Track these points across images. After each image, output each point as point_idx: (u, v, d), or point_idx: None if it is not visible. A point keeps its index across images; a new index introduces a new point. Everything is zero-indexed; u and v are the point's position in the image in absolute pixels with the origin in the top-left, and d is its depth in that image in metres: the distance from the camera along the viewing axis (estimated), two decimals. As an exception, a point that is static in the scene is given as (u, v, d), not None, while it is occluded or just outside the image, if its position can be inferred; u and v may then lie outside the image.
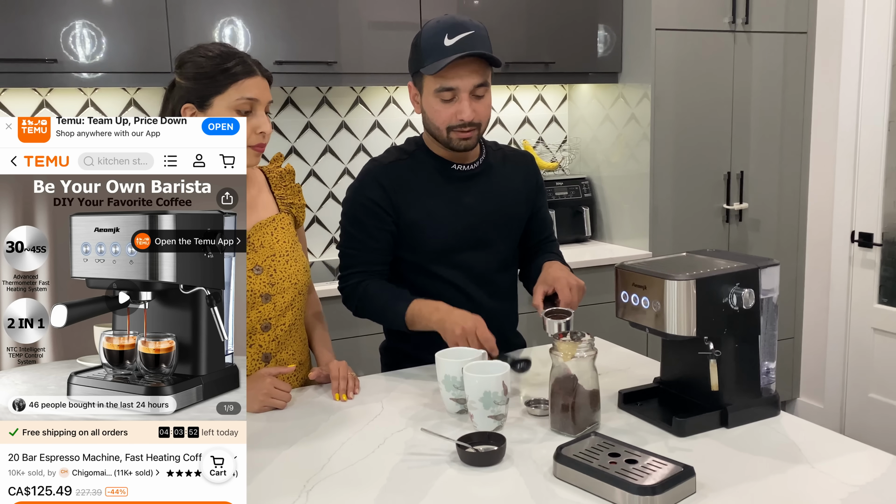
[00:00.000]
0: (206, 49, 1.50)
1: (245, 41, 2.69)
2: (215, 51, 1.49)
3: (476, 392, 1.34)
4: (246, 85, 1.48)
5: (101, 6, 2.51)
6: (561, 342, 1.33)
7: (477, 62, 1.57)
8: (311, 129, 3.17)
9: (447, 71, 1.55)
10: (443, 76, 1.56)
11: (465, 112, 1.58)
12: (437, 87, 1.58)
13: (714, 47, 3.20)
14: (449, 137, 1.63)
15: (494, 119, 3.51)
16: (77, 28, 2.49)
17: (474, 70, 1.57)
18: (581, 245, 3.41)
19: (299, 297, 1.62)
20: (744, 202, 3.35)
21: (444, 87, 1.58)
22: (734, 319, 1.33)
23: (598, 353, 1.36)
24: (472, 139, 1.63)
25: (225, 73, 1.46)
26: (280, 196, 1.67)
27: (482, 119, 1.63)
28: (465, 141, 1.63)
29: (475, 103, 1.60)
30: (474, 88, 1.58)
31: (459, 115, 1.59)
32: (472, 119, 1.60)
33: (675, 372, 1.46)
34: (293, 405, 1.52)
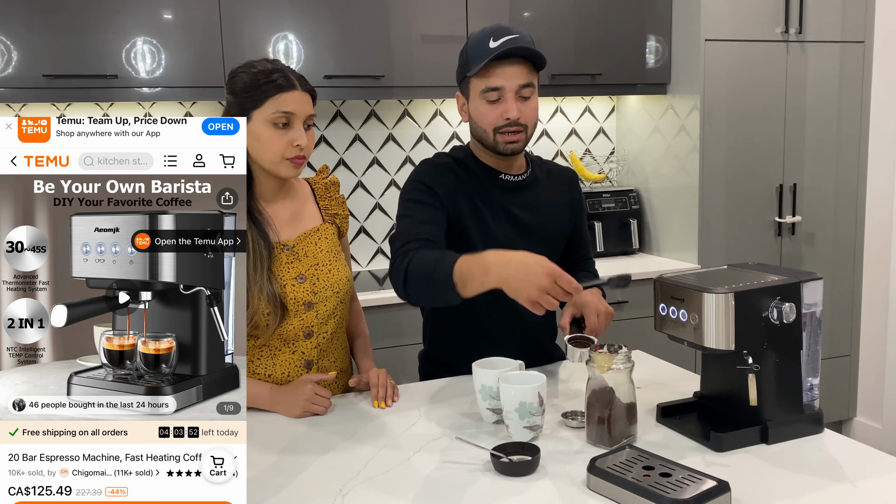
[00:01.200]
0: (253, 65, 1.55)
1: (297, 56, 2.76)
2: (260, 66, 1.54)
3: (512, 402, 1.35)
4: (283, 99, 1.52)
5: (161, 23, 2.61)
6: (598, 354, 1.33)
7: (522, 64, 1.58)
8: (359, 142, 3.23)
9: (492, 70, 1.57)
10: (488, 76, 1.58)
11: (511, 111, 1.58)
12: (483, 87, 1.59)
13: (766, 58, 3.15)
14: (495, 141, 1.62)
15: (541, 130, 3.51)
16: (138, 44, 2.60)
17: (519, 70, 1.58)
18: (628, 257, 3.39)
19: (341, 306, 1.66)
20: (797, 215, 3.27)
21: (490, 87, 1.58)
22: (775, 334, 1.31)
23: (639, 366, 1.36)
24: (520, 142, 1.63)
25: (263, 87, 1.51)
26: (325, 207, 1.71)
27: (528, 121, 1.62)
28: (511, 144, 1.62)
29: (521, 104, 1.60)
30: (520, 89, 1.59)
31: (505, 114, 1.59)
32: (518, 118, 1.59)
33: (715, 386, 1.44)
34: (333, 411, 1.56)
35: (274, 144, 1.52)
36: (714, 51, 3.07)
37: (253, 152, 1.54)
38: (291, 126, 1.54)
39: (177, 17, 2.63)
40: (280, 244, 1.59)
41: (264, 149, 1.53)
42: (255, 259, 1.52)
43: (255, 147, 1.53)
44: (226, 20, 2.67)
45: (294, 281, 1.57)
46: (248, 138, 1.52)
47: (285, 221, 1.62)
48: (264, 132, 1.52)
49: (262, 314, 1.52)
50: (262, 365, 1.59)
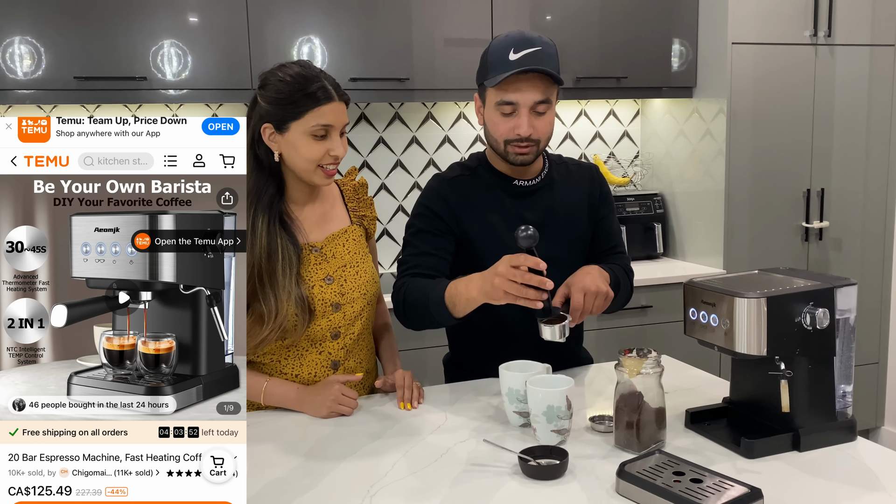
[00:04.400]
0: (287, 71, 1.53)
1: (322, 59, 2.78)
2: (295, 73, 1.52)
3: (539, 406, 1.34)
4: (322, 111, 1.51)
5: (188, 26, 2.64)
6: (626, 358, 1.32)
7: (540, 78, 1.57)
8: (382, 144, 3.24)
9: (508, 85, 1.56)
10: (504, 90, 1.57)
11: (523, 127, 1.58)
12: (498, 100, 1.59)
13: (794, 61, 3.11)
14: (506, 151, 1.63)
15: (564, 133, 3.50)
16: (165, 47, 2.62)
17: (536, 86, 1.57)
18: (652, 262, 3.36)
19: (368, 308, 1.66)
20: (824, 220, 3.23)
21: (505, 101, 1.58)
22: (807, 340, 1.29)
23: (667, 371, 1.35)
24: (530, 155, 1.63)
25: (303, 99, 1.50)
26: (353, 208, 1.72)
27: (541, 136, 1.62)
28: (521, 156, 1.62)
29: (535, 119, 1.59)
30: (535, 105, 1.58)
31: (517, 129, 1.59)
32: (530, 135, 1.59)
33: (746, 392, 1.43)
34: (359, 412, 1.56)
35: (311, 154, 1.53)
36: (741, 54, 3.04)
37: (289, 160, 1.55)
38: (329, 137, 1.54)
39: (204, 19, 2.66)
40: (308, 245, 1.60)
41: (300, 157, 1.53)
42: (285, 264, 1.52)
43: (291, 155, 1.54)
44: (252, 22, 2.69)
45: (322, 282, 1.58)
46: (284, 146, 1.53)
47: (314, 223, 1.63)
48: (302, 142, 1.52)
49: (291, 318, 1.52)
50: (289, 365, 1.60)
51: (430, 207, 1.69)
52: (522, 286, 1.33)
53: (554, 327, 1.41)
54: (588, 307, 1.53)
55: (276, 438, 1.44)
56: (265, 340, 1.52)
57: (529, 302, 1.34)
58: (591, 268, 1.62)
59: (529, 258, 1.33)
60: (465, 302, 1.46)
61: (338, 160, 1.56)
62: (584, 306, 1.53)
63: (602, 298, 1.54)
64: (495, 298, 1.38)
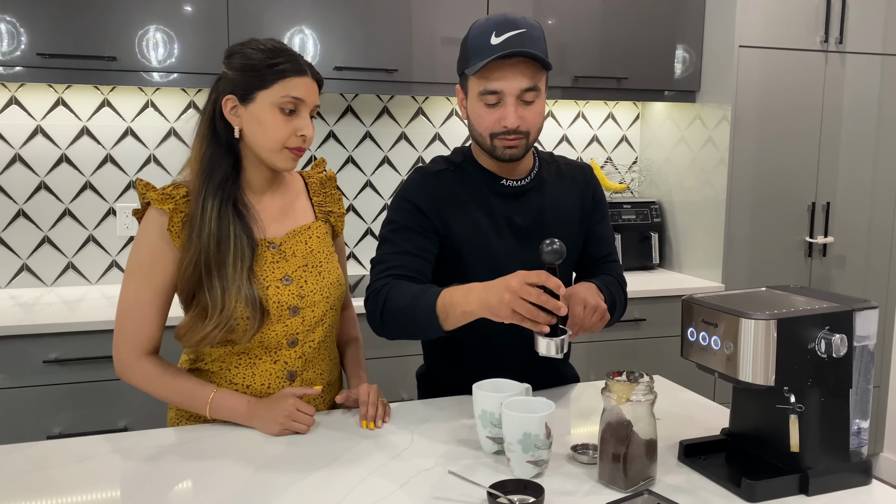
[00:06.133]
0: (259, 42, 1.41)
1: (307, 46, 2.62)
2: (268, 45, 1.40)
3: (514, 433, 1.18)
4: (293, 83, 1.38)
5: (166, 4, 2.47)
6: (615, 382, 1.17)
7: (526, 64, 1.41)
8: (370, 139, 3.08)
9: (491, 72, 1.40)
10: (486, 77, 1.41)
11: (510, 118, 1.41)
12: (481, 89, 1.42)
13: (803, 67, 2.97)
14: (493, 145, 1.46)
15: (561, 136, 3.35)
16: (147, 29, 2.46)
17: (522, 72, 1.40)
18: (648, 273, 3.21)
19: (331, 313, 1.50)
20: (829, 236, 3.08)
21: (488, 90, 1.41)
22: (821, 369, 1.14)
23: (660, 394, 1.19)
24: (518, 149, 1.46)
25: (273, 67, 1.37)
26: (318, 203, 1.56)
27: (530, 127, 1.45)
28: (509, 150, 1.46)
29: (522, 109, 1.43)
30: (521, 93, 1.41)
31: (503, 121, 1.42)
32: (518, 126, 1.42)
33: (748, 424, 1.27)
34: (316, 429, 1.40)
35: (277, 131, 1.38)
36: (748, 58, 2.89)
37: (251, 137, 1.39)
38: (298, 114, 1.39)
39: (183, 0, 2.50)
40: (266, 241, 1.44)
41: (265, 134, 1.38)
42: (236, 256, 1.36)
43: (254, 131, 1.39)
44: (233, 4, 2.53)
45: (279, 282, 1.42)
46: (247, 121, 1.38)
47: (273, 216, 1.47)
48: (268, 116, 1.37)
49: (240, 318, 1.36)
50: (239, 374, 1.44)
51: (412, 202, 1.51)
52: (535, 307, 1.20)
53: (552, 341, 1.24)
54: (587, 323, 1.37)
55: (219, 456, 1.28)
56: (208, 337, 1.36)
57: (537, 326, 1.21)
58: (589, 284, 1.47)
59: (550, 278, 1.20)
60: (461, 315, 1.30)
61: (306, 142, 1.40)
62: (583, 321, 1.37)
63: (599, 315, 1.39)
64: (500, 315, 1.24)
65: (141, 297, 1.39)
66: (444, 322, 1.32)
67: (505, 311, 1.22)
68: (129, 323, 1.39)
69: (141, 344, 1.40)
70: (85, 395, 2.28)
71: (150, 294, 1.39)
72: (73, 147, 2.74)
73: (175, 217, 1.38)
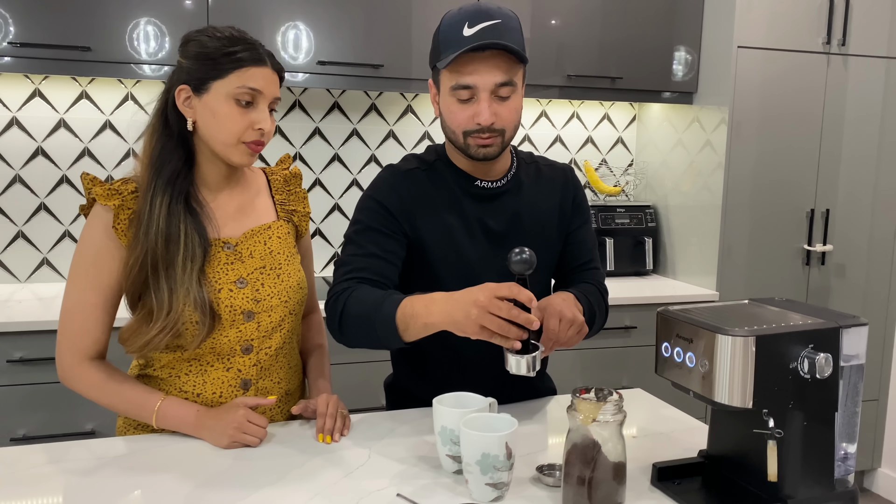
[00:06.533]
0: (216, 30, 1.33)
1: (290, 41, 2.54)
2: (225, 33, 1.32)
3: (472, 453, 1.10)
4: (251, 73, 1.29)
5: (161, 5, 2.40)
6: (581, 400, 1.08)
7: (501, 57, 1.32)
8: (356, 137, 3.00)
9: (464, 65, 1.31)
10: (458, 71, 1.32)
11: (484, 114, 1.32)
12: (453, 83, 1.33)
13: (804, 70, 2.87)
14: (466, 144, 1.37)
15: (554, 136, 3.27)
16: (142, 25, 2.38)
17: (497, 65, 1.32)
18: (640, 279, 3.12)
19: (290, 318, 1.42)
20: (828, 244, 2.99)
21: (461, 85, 1.32)
22: (804, 390, 1.05)
23: (639, 408, 1.11)
24: (493, 147, 1.37)
25: (230, 56, 1.29)
26: (281, 202, 1.48)
27: (505, 125, 1.36)
28: (483, 149, 1.37)
29: (497, 105, 1.34)
30: (496, 88, 1.32)
31: (476, 117, 1.33)
32: (492, 123, 1.34)
33: (726, 446, 1.19)
34: (269, 442, 1.31)
35: (232, 124, 1.29)
36: (747, 59, 2.80)
37: (205, 130, 1.31)
38: (255, 106, 1.31)
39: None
40: (220, 241, 1.35)
41: (220, 128, 1.30)
42: (186, 256, 1.28)
43: (209, 124, 1.30)
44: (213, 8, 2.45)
45: (232, 285, 1.34)
46: (201, 112, 1.30)
47: (229, 215, 1.39)
48: (223, 108, 1.29)
49: (188, 322, 1.28)
50: (190, 382, 1.36)
51: (380, 202, 1.42)
52: (505, 322, 1.11)
53: (522, 359, 1.15)
54: (562, 338, 1.28)
55: (160, 470, 1.20)
56: (152, 342, 1.28)
57: (508, 342, 1.13)
58: (565, 293, 1.38)
59: (521, 291, 1.12)
60: (422, 327, 1.21)
61: (264, 136, 1.32)
62: (559, 335, 1.28)
63: (576, 329, 1.30)
64: (466, 331, 1.15)
65: (84, 299, 1.31)
66: (403, 333, 1.23)
67: (472, 327, 1.13)
68: (72, 326, 1.31)
69: (84, 348, 1.32)
70: (52, 396, 2.20)
71: (95, 295, 1.31)
72: (49, 140, 2.67)
73: (121, 214, 1.30)
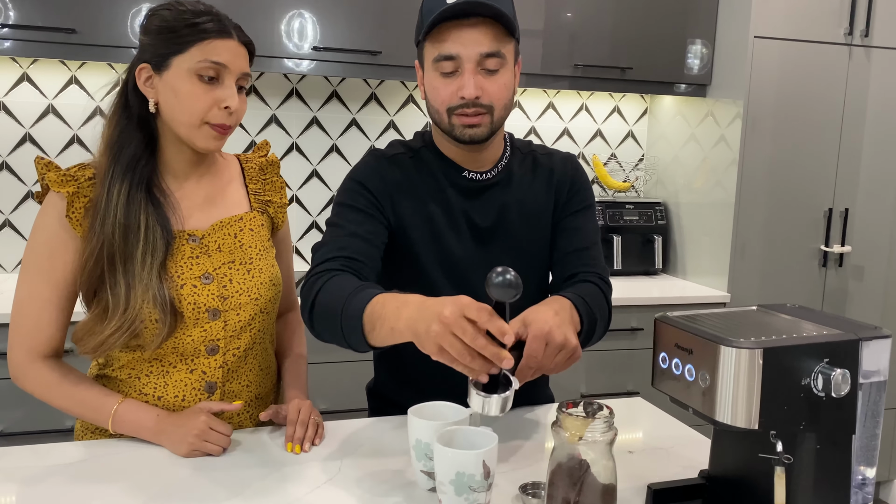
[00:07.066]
0: (180, 3, 1.22)
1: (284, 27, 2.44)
2: (188, 5, 1.22)
3: (446, 471, 0.99)
4: (214, 46, 1.19)
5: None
6: (567, 416, 0.97)
7: (487, 25, 1.20)
8: (355, 127, 2.90)
9: (446, 33, 1.20)
10: (441, 40, 1.21)
11: (468, 87, 1.20)
12: (435, 55, 1.22)
13: (824, 62, 2.74)
14: (451, 124, 1.26)
15: (562, 129, 3.15)
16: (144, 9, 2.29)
17: (483, 33, 1.20)
18: (649, 278, 3.00)
19: (262, 317, 1.32)
20: (846, 244, 2.85)
21: (443, 55, 1.21)
22: (817, 410, 0.94)
23: (637, 420, 1.01)
24: (481, 127, 1.25)
25: (191, 29, 1.19)
26: (255, 191, 1.37)
27: (494, 101, 1.24)
28: (469, 129, 1.25)
29: (483, 79, 1.22)
30: (481, 59, 1.21)
31: (460, 90, 1.21)
32: (477, 97, 1.21)
33: (729, 467, 1.07)
34: (233, 451, 1.22)
35: (195, 102, 1.19)
36: (764, 50, 2.67)
37: (167, 111, 1.21)
38: (221, 82, 1.21)
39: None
40: (184, 234, 1.26)
41: (182, 107, 1.20)
42: (146, 250, 1.18)
43: (170, 104, 1.20)
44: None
45: (196, 281, 1.24)
46: (162, 91, 1.20)
47: (196, 205, 1.29)
48: (184, 86, 1.19)
49: (147, 320, 1.19)
50: (150, 384, 1.26)
51: (362, 184, 1.32)
52: (468, 350, 0.93)
53: (488, 398, 0.96)
54: (547, 365, 1.08)
55: (113, 479, 1.11)
56: (107, 342, 1.18)
57: (471, 372, 0.95)
58: (559, 303, 1.17)
59: (494, 320, 0.93)
60: (388, 332, 1.03)
61: (231, 116, 1.22)
62: (543, 361, 1.07)
63: (566, 355, 1.09)
64: (425, 348, 0.96)
65: (37, 294, 1.21)
66: (370, 335, 1.07)
67: (430, 345, 0.95)
68: (23, 322, 1.22)
69: (37, 346, 1.22)
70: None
71: (48, 290, 1.21)
72: (37, 126, 2.58)
73: (76, 202, 1.20)
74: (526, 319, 1.08)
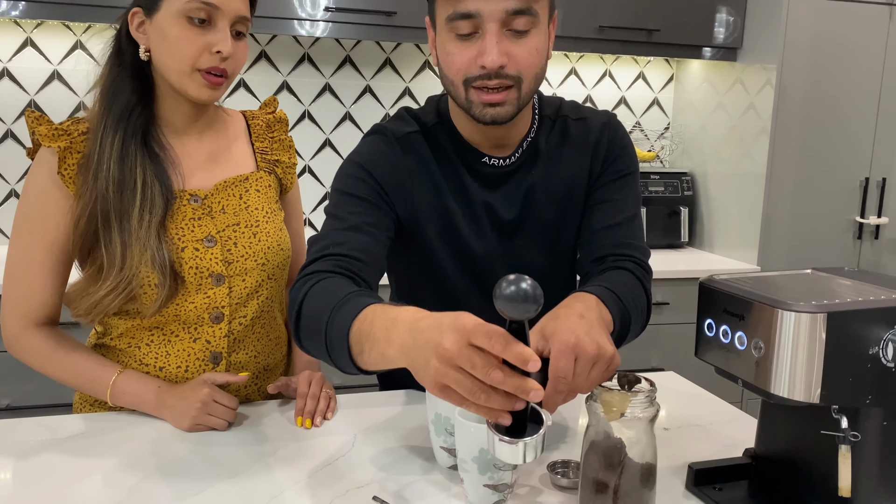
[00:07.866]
0: None
1: (294, -17, 2.33)
2: None
3: (469, 448, 0.90)
4: None
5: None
6: (604, 390, 0.88)
7: None
8: (370, 94, 2.80)
9: None
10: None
11: (490, 54, 0.98)
12: (450, 12, 1.00)
13: (863, 23, 2.60)
14: (468, 100, 1.03)
15: (584, 96, 3.03)
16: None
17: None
18: (675, 251, 2.89)
19: (269, 283, 1.23)
20: (883, 216, 2.73)
21: (459, 13, 0.98)
22: (886, 383, 0.84)
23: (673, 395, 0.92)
24: (507, 105, 1.03)
25: None
26: (261, 150, 1.28)
27: (523, 69, 1.01)
28: (491, 108, 1.03)
29: (509, 43, 1.00)
30: (507, 17, 0.98)
31: (480, 58, 0.99)
32: (502, 66, 1.00)
33: (780, 445, 0.98)
34: (238, 426, 1.14)
35: (185, 47, 1.09)
36: (798, 10, 2.53)
37: (158, 58, 1.12)
38: (213, 25, 1.10)
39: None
40: (186, 193, 1.17)
41: (171, 53, 1.10)
42: (144, 207, 1.10)
43: (160, 50, 1.11)
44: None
45: (199, 244, 1.15)
46: (153, 37, 1.11)
47: (198, 163, 1.20)
48: (173, 30, 1.09)
49: (145, 284, 1.10)
50: (151, 353, 1.18)
51: (369, 171, 1.11)
52: (482, 387, 0.70)
53: (514, 444, 0.73)
54: (580, 385, 0.84)
55: (111, 454, 1.03)
56: (101, 303, 1.10)
57: (489, 414, 0.72)
58: (584, 302, 0.94)
59: (510, 347, 0.69)
60: (379, 357, 0.81)
61: (224, 60, 1.11)
62: (576, 381, 0.83)
63: (602, 368, 0.85)
64: (427, 387, 0.75)
65: (29, 256, 1.13)
66: (358, 357, 0.85)
67: (431, 384, 0.73)
68: (15, 287, 1.14)
69: (31, 312, 1.15)
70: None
71: (41, 252, 1.13)
72: (42, 93, 2.50)
73: (69, 158, 1.11)
74: (545, 331, 0.85)
